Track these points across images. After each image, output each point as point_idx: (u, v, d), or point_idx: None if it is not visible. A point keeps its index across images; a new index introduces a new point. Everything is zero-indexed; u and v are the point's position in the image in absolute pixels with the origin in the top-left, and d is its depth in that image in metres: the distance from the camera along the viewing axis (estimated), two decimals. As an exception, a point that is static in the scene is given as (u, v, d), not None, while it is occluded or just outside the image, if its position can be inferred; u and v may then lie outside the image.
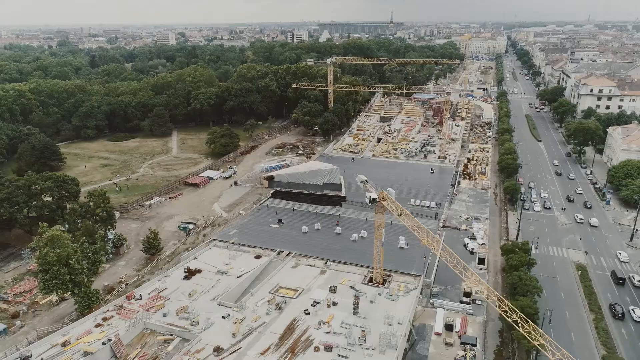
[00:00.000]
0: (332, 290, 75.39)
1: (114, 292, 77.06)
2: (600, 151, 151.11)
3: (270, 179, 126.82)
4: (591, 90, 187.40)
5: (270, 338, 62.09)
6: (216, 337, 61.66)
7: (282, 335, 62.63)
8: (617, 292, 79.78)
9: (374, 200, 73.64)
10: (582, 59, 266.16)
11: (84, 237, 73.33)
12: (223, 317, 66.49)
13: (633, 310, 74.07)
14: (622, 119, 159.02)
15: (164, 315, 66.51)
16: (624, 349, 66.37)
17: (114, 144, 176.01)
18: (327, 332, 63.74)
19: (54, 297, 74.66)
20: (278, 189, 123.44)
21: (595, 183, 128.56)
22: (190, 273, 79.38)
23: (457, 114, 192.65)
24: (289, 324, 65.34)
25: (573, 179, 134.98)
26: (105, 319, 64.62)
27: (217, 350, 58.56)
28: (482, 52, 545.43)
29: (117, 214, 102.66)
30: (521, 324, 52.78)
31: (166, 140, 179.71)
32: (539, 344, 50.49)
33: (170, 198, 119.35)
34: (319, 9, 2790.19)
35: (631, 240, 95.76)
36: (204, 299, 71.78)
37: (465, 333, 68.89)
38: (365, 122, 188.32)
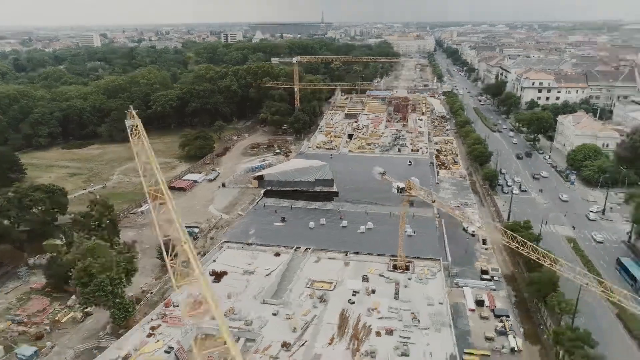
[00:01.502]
0: (365, 279, 77.89)
1: (142, 302, 73.73)
2: (550, 138, 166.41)
3: (260, 178, 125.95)
4: (533, 84, 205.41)
5: (329, 329, 63.35)
6: (277, 333, 61.80)
7: (339, 325, 64.11)
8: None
9: (402, 189, 77.27)
10: (518, 55, 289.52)
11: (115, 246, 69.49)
12: (273, 315, 66.59)
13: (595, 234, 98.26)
14: (566, 108, 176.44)
15: (213, 318, 65.00)
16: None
17: (71, 152, 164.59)
18: (379, 318, 66.18)
19: (78, 314, 70.05)
20: (269, 188, 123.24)
21: (556, 166, 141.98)
22: (217, 276, 78.05)
23: (417, 109, 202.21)
24: (340, 314, 66.92)
25: (530, 155, 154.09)
26: (153, 328, 62.17)
27: (285, 345, 58.85)
28: (413, 50, 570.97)
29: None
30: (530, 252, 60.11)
31: (128, 145, 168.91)
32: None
33: (160, 204, 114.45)
34: (247, 9, 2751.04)
35: (603, 213, 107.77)
36: (244, 299, 71.13)
37: (495, 307, 74.62)
38: (332, 119, 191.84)
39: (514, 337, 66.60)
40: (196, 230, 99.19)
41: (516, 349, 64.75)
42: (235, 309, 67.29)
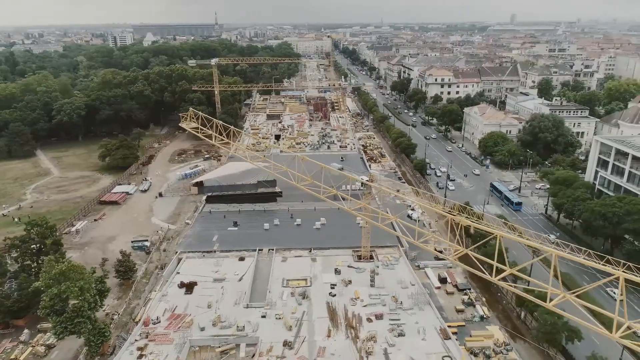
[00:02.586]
0: (337, 272, 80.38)
1: (112, 324, 68.24)
2: (458, 129, 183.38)
3: (199, 184, 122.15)
4: (435, 80, 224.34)
5: (322, 322, 64.70)
6: (274, 334, 61.63)
7: (330, 317, 65.80)
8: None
9: (367, 183, 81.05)
10: (418, 54, 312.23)
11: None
12: (263, 317, 66.13)
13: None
14: (468, 101, 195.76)
15: (202, 329, 62.95)
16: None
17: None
18: (364, 306, 69.09)
19: (39, 348, 62.86)
20: (210, 194, 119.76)
21: (470, 153, 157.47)
22: (187, 287, 74.99)
23: (336, 108, 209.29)
24: (326, 307, 68.60)
25: (451, 151, 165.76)
26: (141, 349, 58.30)
27: (287, 344, 59.08)
28: (312, 51, 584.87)
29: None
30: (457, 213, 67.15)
31: (33, 160, 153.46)
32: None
33: (95, 220, 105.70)
34: (124, 11, 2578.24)
35: (519, 191, 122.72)
36: (225, 306, 69.45)
37: (457, 282, 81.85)
38: (255, 121, 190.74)
39: (481, 307, 74.06)
40: (147, 243, 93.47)
41: (485, 316, 72.10)
42: (222, 316, 65.53)
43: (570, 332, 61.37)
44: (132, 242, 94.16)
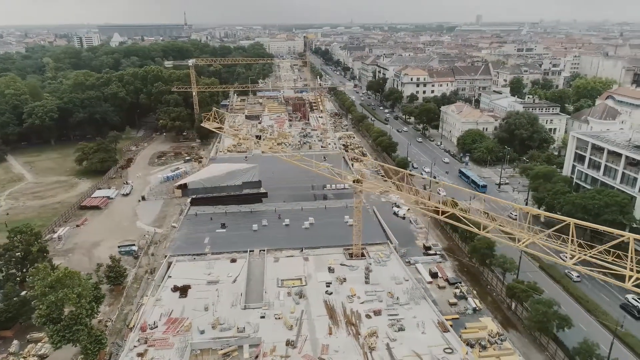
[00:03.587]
0: (331, 270, 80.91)
1: (106, 331, 66.63)
2: (435, 127, 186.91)
3: (183, 187, 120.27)
4: (411, 79, 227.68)
5: (322, 321, 65.12)
6: (275, 334, 61.70)
7: (329, 315, 66.26)
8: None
9: (358, 181, 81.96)
10: (393, 54, 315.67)
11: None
12: (262, 317, 66.01)
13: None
14: (444, 99, 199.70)
15: (202, 332, 62.31)
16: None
17: None
18: (362, 303, 69.87)
19: (32, 359, 60.82)
20: (194, 196, 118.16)
21: (449, 151, 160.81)
22: (182, 290, 74.01)
23: (315, 108, 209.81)
24: (324, 305, 69.02)
25: (421, 142, 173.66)
26: (141, 355, 57.33)
27: (290, 343, 59.22)
28: (284, 51, 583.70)
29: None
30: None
31: (4, 166, 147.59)
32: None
33: (77, 226, 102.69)
34: (86, 10, 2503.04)
35: (499, 187, 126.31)
36: (222, 308, 68.93)
37: (447, 276, 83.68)
38: (234, 122, 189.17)
39: (473, 299, 76.05)
40: (134, 248, 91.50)
41: (477, 308, 74.13)
42: (220, 319, 65.04)
43: (560, 320, 63.72)
44: (119, 247, 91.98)
